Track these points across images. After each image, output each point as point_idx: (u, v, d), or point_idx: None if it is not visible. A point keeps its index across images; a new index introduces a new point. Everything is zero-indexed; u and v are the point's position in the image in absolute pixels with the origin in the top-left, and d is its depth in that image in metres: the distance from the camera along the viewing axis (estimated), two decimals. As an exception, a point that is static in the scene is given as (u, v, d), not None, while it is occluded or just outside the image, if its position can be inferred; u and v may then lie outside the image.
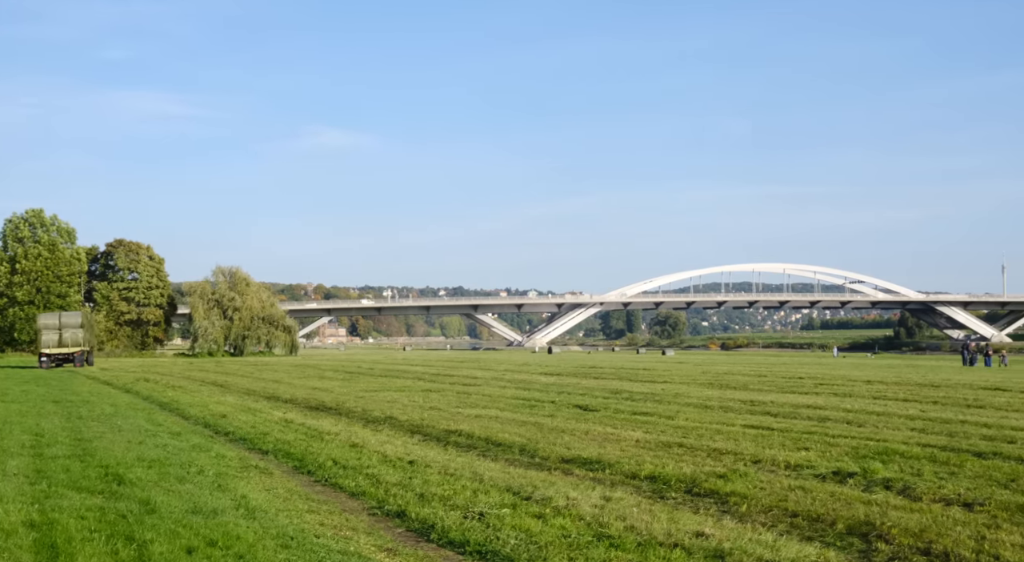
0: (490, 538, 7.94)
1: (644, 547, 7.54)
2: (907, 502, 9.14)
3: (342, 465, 12.12)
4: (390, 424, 17.40)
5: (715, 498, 9.69)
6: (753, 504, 9.22)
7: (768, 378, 31.31)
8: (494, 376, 34.79)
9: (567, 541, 7.77)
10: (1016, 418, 16.81)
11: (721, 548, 7.45)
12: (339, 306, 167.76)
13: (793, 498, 9.35)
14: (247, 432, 16.30)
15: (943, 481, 10.11)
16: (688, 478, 10.58)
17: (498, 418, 17.61)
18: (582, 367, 43.33)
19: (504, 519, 8.54)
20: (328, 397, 24.00)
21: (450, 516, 8.78)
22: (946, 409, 18.85)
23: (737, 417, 17.45)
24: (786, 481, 10.31)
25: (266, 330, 77.72)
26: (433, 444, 14.59)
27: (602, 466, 11.69)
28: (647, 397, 22.68)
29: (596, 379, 32.00)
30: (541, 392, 25.06)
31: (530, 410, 19.47)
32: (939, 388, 25.47)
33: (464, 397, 23.54)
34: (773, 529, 8.26)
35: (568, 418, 17.57)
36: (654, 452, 12.73)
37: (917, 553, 7.35)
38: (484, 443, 14.28)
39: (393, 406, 20.70)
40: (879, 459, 11.59)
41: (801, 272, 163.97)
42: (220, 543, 7.18)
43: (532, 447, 13.42)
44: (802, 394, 23.49)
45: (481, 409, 19.70)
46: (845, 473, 10.72)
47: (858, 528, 8.13)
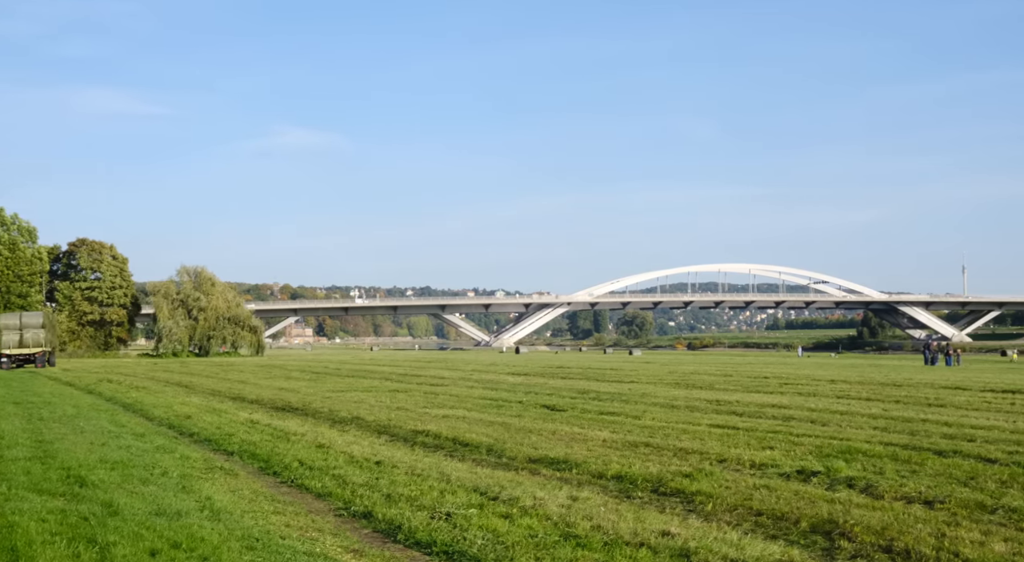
0: (457, 538, 7.94)
1: (610, 547, 7.57)
2: (869, 500, 9.25)
3: (308, 466, 12.05)
4: (357, 424, 17.33)
5: (681, 497, 9.74)
6: (718, 503, 9.28)
7: (734, 378, 31.55)
8: (461, 376, 34.76)
9: (534, 541, 7.78)
10: (976, 417, 17.07)
11: (687, 547, 7.50)
12: (306, 306, 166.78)
13: (758, 497, 9.43)
14: (212, 433, 16.16)
15: (905, 479, 10.23)
16: (654, 477, 10.64)
17: (465, 418, 17.59)
18: (549, 367, 43.41)
19: (471, 519, 8.54)
20: (294, 397, 23.85)
21: (417, 517, 8.76)
22: (908, 408, 19.11)
23: (703, 417, 17.57)
24: (751, 480, 10.39)
25: (232, 330, 77.08)
26: (400, 444, 14.55)
27: (569, 466, 11.72)
28: (614, 397, 22.77)
29: (563, 379, 32.07)
30: (508, 392, 25.07)
31: (497, 410, 19.47)
32: (901, 387, 25.81)
33: (431, 397, 23.50)
34: (738, 528, 8.32)
35: (535, 418, 17.60)
36: (621, 452, 12.78)
37: (879, 551, 7.44)
38: (451, 443, 14.27)
39: (360, 406, 20.62)
40: (842, 458, 11.72)
41: (766, 272, 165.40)
42: (184, 545, 7.12)
43: (499, 447, 13.43)
44: (767, 394, 23.70)
45: (448, 409, 19.67)
46: (809, 472, 10.82)
47: (822, 526, 8.22)
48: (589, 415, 18.07)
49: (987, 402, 20.48)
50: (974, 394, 22.93)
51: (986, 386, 25.84)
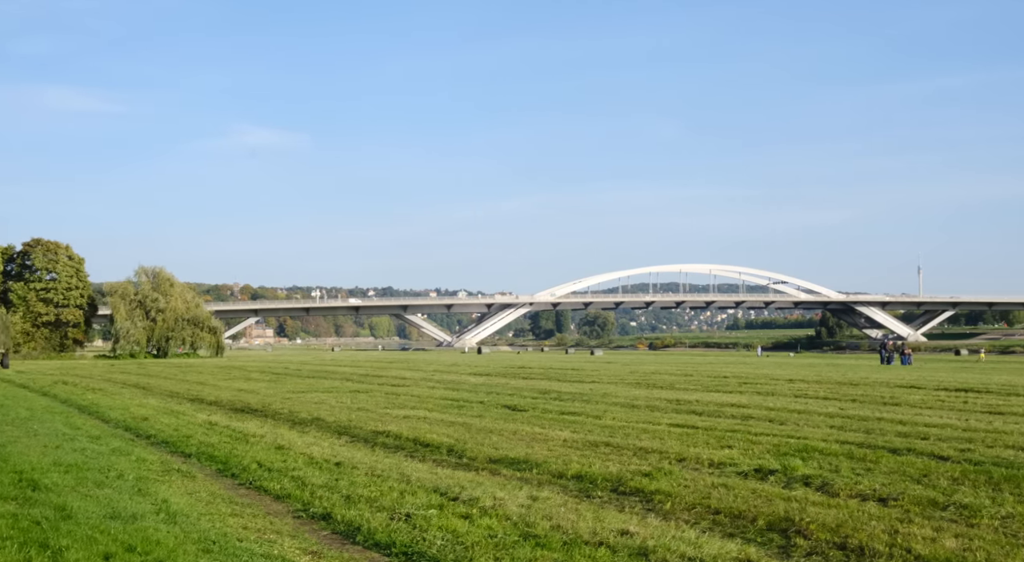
0: (416, 539, 7.92)
1: (569, 546, 7.60)
2: (825, 498, 9.36)
3: (267, 467, 11.96)
4: (317, 425, 17.23)
5: (640, 496, 9.79)
6: (677, 502, 9.34)
7: (694, 377, 31.79)
8: (423, 377, 34.68)
9: (493, 541, 7.79)
10: (929, 415, 17.35)
11: (645, 546, 7.54)
12: (266, 306, 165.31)
13: (716, 495, 9.51)
14: (169, 435, 15.98)
15: (860, 477, 10.38)
16: (614, 477, 10.69)
17: (426, 419, 17.56)
18: (511, 367, 43.44)
19: (431, 520, 8.53)
20: (254, 399, 23.66)
21: (376, 518, 8.73)
22: (864, 407, 19.37)
23: (663, 416, 17.68)
24: (709, 479, 10.48)
25: (191, 331, 76.23)
26: (361, 445, 14.49)
27: (529, 466, 11.74)
28: (575, 397, 22.84)
29: (525, 379, 32.11)
30: (470, 392, 25.06)
31: (459, 410, 19.46)
32: (858, 386, 26.15)
33: (393, 398, 23.43)
34: (696, 526, 8.39)
35: (496, 418, 17.61)
36: (581, 451, 12.82)
37: (833, 547, 7.54)
38: (412, 444, 14.23)
39: (320, 407, 20.50)
40: (799, 456, 11.85)
41: (727, 273, 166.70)
42: (139, 549, 7.03)
43: (460, 447, 13.42)
44: (726, 393, 23.91)
45: (410, 410, 19.62)
46: (766, 470, 10.93)
47: (778, 524, 8.31)
48: (550, 415, 18.12)
49: (940, 401, 20.82)
50: (928, 393, 23.30)
51: (940, 385, 26.27)
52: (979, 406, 19.38)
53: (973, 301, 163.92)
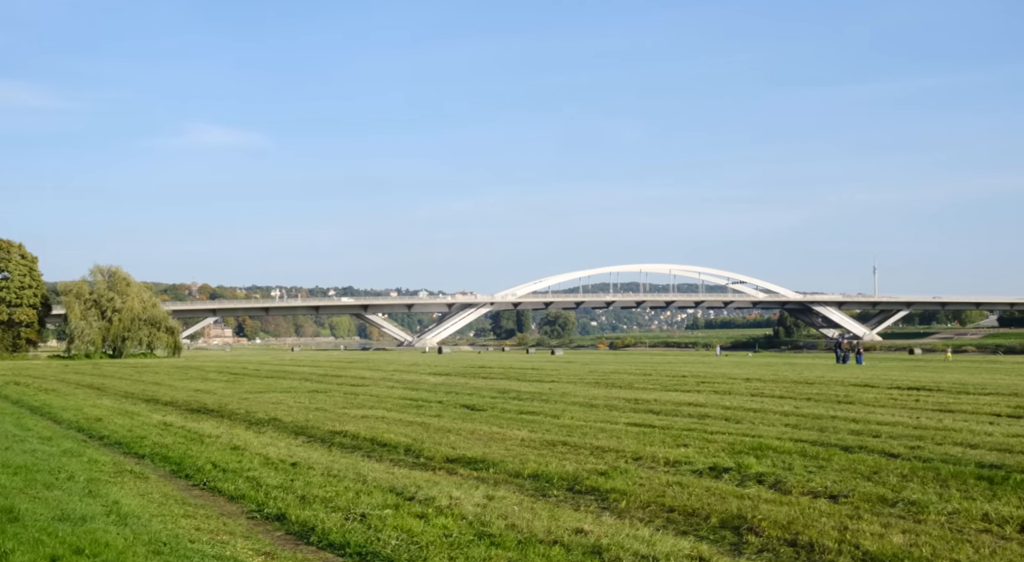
0: (371, 539, 7.90)
1: (524, 545, 7.62)
2: (778, 495, 9.47)
3: (222, 468, 11.86)
4: (274, 426, 17.10)
5: (596, 495, 9.84)
6: (632, 500, 9.40)
7: (653, 377, 31.97)
8: (383, 376, 34.54)
9: (448, 541, 7.79)
10: (882, 413, 17.61)
11: (599, 544, 7.58)
12: (225, 306, 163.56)
13: (671, 494, 9.58)
14: (123, 436, 15.78)
15: (812, 474, 10.50)
16: (570, 476, 10.73)
17: (385, 419, 17.50)
18: (471, 367, 43.40)
19: (386, 520, 8.51)
20: (210, 399, 23.42)
21: (331, 518, 8.69)
22: (818, 405, 19.60)
23: (621, 415, 17.77)
24: (665, 477, 10.55)
25: (148, 331, 75.22)
26: (317, 445, 14.41)
27: (487, 465, 11.75)
28: (534, 396, 22.88)
29: (485, 379, 32.10)
30: (429, 392, 25.01)
31: (417, 410, 19.41)
32: (813, 385, 26.47)
33: (351, 398, 23.31)
34: (650, 524, 8.45)
35: (455, 418, 17.59)
36: (538, 451, 12.85)
37: (784, 544, 7.63)
38: (369, 444, 14.18)
39: (278, 407, 20.35)
40: (753, 454, 11.97)
41: (686, 273, 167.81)
42: (87, 551, 6.94)
43: (417, 447, 13.40)
44: (684, 392, 24.08)
45: (368, 410, 19.54)
46: (721, 468, 11.03)
47: (731, 521, 8.39)
48: (508, 415, 18.14)
49: (893, 399, 21.13)
50: (881, 391, 23.63)
51: (893, 383, 26.65)
52: (930, 404, 19.69)
53: (927, 301, 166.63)
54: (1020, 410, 17.98)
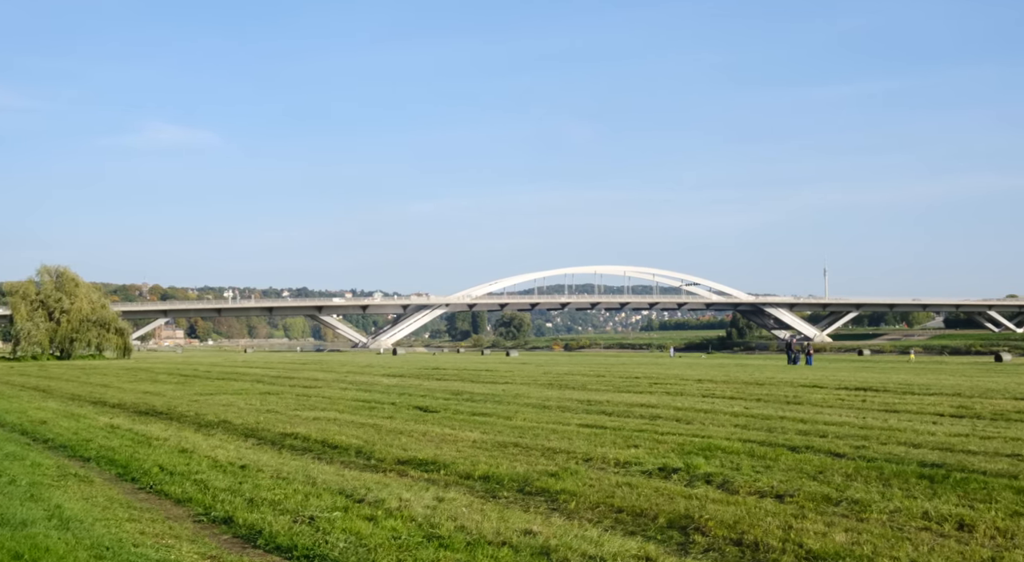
0: (319, 542, 7.86)
1: (473, 546, 7.63)
2: (725, 495, 9.58)
3: (169, 471, 11.72)
4: (224, 428, 16.93)
5: (546, 496, 9.88)
6: (582, 501, 9.45)
7: (606, 378, 32.13)
8: (336, 378, 34.34)
9: (397, 542, 7.78)
10: (829, 413, 17.88)
11: (548, 545, 7.62)
12: (176, 307, 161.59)
13: (620, 494, 9.65)
14: (68, 439, 15.53)
15: (759, 474, 10.64)
16: (521, 477, 10.76)
17: (336, 420, 17.42)
18: (425, 368, 43.31)
19: (335, 522, 8.47)
20: (159, 401, 23.12)
21: (279, 521, 8.63)
22: (768, 406, 19.86)
23: (573, 416, 17.85)
24: (615, 478, 10.62)
25: (97, 333, 73.94)
26: (268, 448, 14.30)
27: (438, 467, 11.75)
28: (487, 398, 22.89)
29: (438, 380, 32.05)
30: (382, 394, 24.92)
31: (370, 412, 19.34)
32: (763, 386, 26.79)
33: (304, 399, 23.16)
34: (599, 525, 8.50)
35: (407, 420, 17.55)
36: (490, 452, 12.87)
37: (730, 544, 7.72)
38: (320, 446, 14.10)
39: (228, 410, 20.15)
40: (702, 455, 12.09)
41: (641, 274, 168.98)
42: (27, 556, 6.83)
43: (369, 449, 13.35)
44: (637, 393, 24.24)
45: (320, 411, 19.43)
46: (670, 469, 11.13)
47: (678, 521, 8.47)
48: (461, 416, 18.14)
49: (840, 399, 21.46)
50: (829, 392, 24.00)
51: (841, 384, 27.08)
52: (876, 404, 20.04)
53: (875, 303, 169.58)
54: (963, 410, 18.37)
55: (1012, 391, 23.93)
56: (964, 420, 16.65)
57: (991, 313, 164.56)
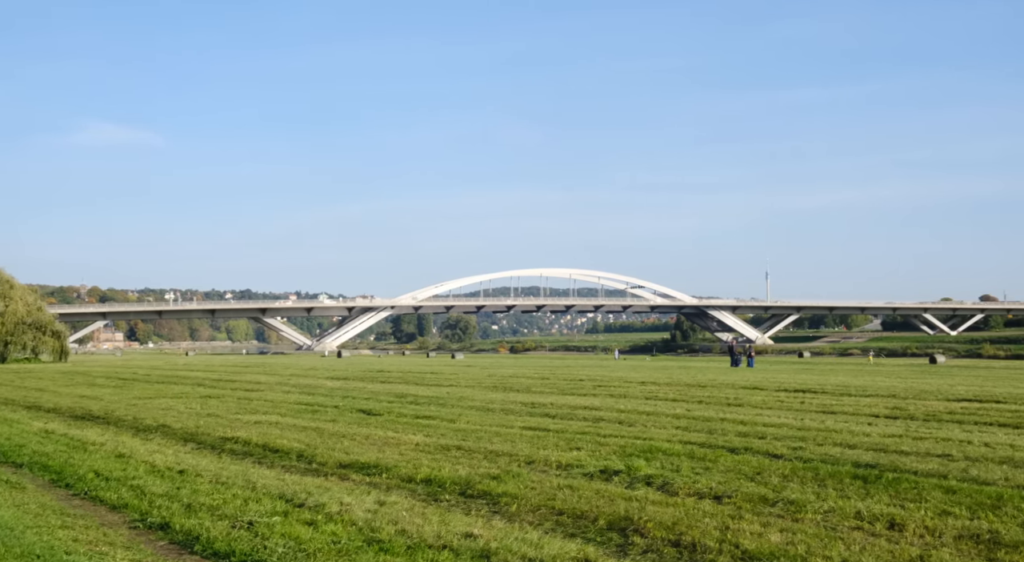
0: (257, 547, 7.79)
1: (413, 550, 7.62)
2: (664, 497, 9.69)
3: (105, 477, 11.51)
4: (162, 432, 16.67)
5: (488, 499, 9.89)
6: (523, 504, 9.49)
7: (550, 381, 32.25)
8: (279, 381, 33.99)
9: (336, 547, 7.74)
10: (768, 415, 18.16)
11: (488, 548, 7.64)
12: (116, 309, 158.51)
13: (561, 497, 9.70)
14: (0, 444, 15.16)
15: (698, 476, 10.77)
16: (463, 480, 10.76)
17: (278, 424, 17.25)
18: (370, 371, 43.07)
19: (274, 527, 8.40)
20: (96, 405, 22.68)
21: (217, 526, 8.53)
22: (709, 408, 20.10)
23: (517, 419, 17.88)
24: (556, 480, 10.68)
25: (32, 335, 72.17)
26: (207, 452, 14.12)
27: (380, 470, 11.70)
28: (431, 401, 22.84)
29: (383, 383, 31.89)
30: (326, 397, 24.73)
31: (312, 415, 19.18)
32: (705, 388, 27.10)
33: (245, 403, 22.89)
34: (539, 527, 8.54)
35: (350, 423, 17.44)
36: (432, 455, 12.85)
37: (668, 545, 7.82)
38: (261, 450, 13.96)
39: (168, 414, 19.84)
40: (643, 457, 12.21)
41: (586, 277, 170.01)
42: (-45, 565, 6.67)
43: (310, 453, 13.25)
44: (580, 396, 24.36)
45: (262, 415, 19.22)
46: (611, 471, 11.21)
47: (618, 523, 8.55)
48: (405, 419, 18.08)
49: (780, 401, 21.81)
50: (769, 394, 24.36)
51: (780, 386, 27.50)
52: (814, 406, 20.41)
53: (815, 306, 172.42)
54: (897, 411, 18.79)
55: (944, 393, 24.53)
56: (898, 421, 17.02)
57: (926, 316, 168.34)
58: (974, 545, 7.58)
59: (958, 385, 28.97)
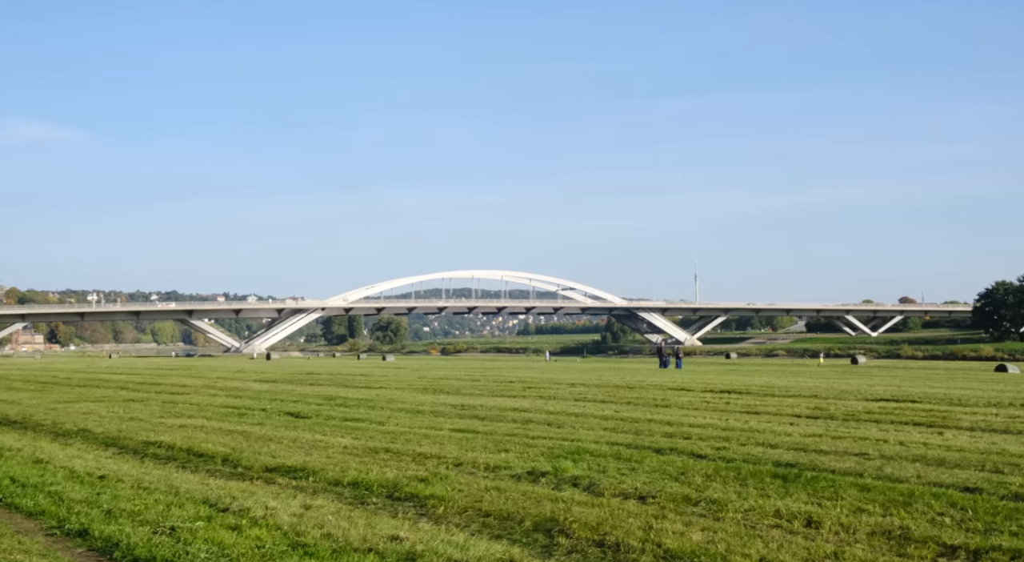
0: (179, 553, 7.68)
1: (338, 554, 7.60)
2: (590, 498, 9.80)
3: (21, 483, 11.21)
4: (83, 437, 16.30)
5: (415, 502, 9.89)
6: (450, 506, 9.51)
7: (481, 382, 32.29)
8: (205, 384, 33.44)
9: (261, 552, 7.67)
10: (694, 416, 18.46)
11: (414, 550, 7.65)
12: (35, 311, 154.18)
13: (488, 498, 9.75)
14: (-90, 451, 14.64)
15: (624, 476, 10.91)
16: (391, 483, 10.74)
17: (204, 428, 16.99)
18: (299, 373, 42.62)
19: (197, 533, 8.29)
20: (13, 410, 22.05)
21: (138, 532, 8.39)
22: (637, 409, 20.34)
23: (446, 421, 17.88)
24: (484, 482, 10.72)
25: (-55, 336, 70.04)
26: (129, 457, 13.85)
27: (306, 474, 11.61)
28: (360, 403, 22.72)
29: (312, 386, 31.60)
30: (253, 399, 24.42)
31: (239, 418, 18.93)
32: (634, 389, 27.40)
33: (170, 406, 22.48)
34: (466, 529, 8.58)
35: (278, 426, 17.26)
36: (360, 458, 12.80)
37: (593, 545, 7.91)
38: (185, 454, 13.74)
39: (88, 418, 19.38)
40: (571, 458, 12.32)
41: (518, 279, 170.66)
42: None
43: (236, 457, 13.09)
44: (510, 397, 24.44)
45: (187, 419, 18.91)
46: (539, 472, 11.29)
47: (544, 524, 8.62)
48: (333, 422, 17.95)
49: (706, 402, 22.17)
50: (696, 395, 24.74)
51: (707, 387, 27.93)
52: (739, 406, 20.79)
53: (743, 307, 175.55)
54: (818, 411, 19.25)
55: (864, 393, 25.19)
56: (819, 421, 17.44)
57: (849, 318, 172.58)
58: (886, 541, 7.84)
59: (877, 385, 29.77)
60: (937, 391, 25.99)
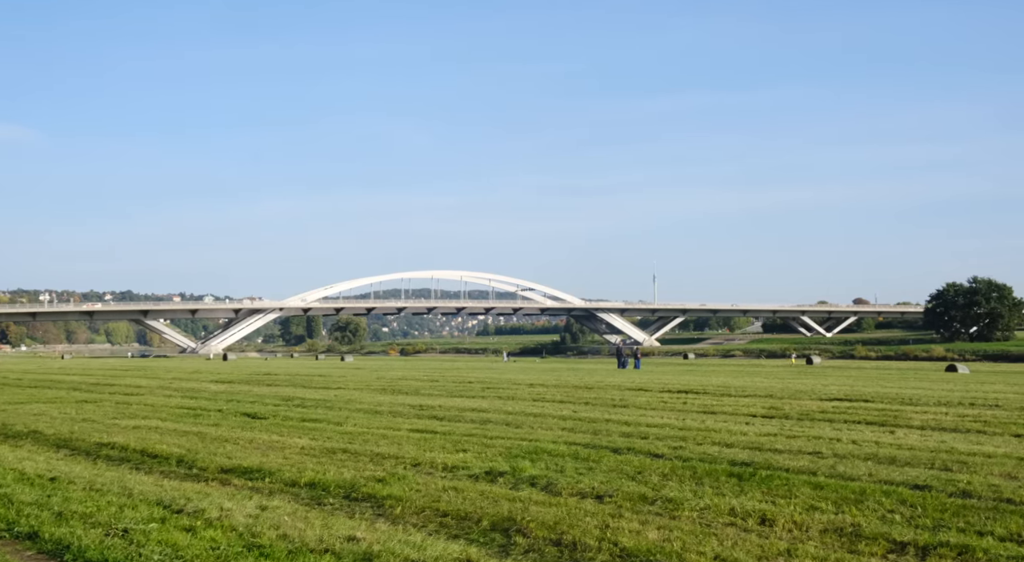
0: (132, 555, 7.59)
1: (294, 555, 7.55)
2: (548, 497, 9.83)
3: (-31, 486, 11.00)
4: (33, 439, 16.03)
5: (372, 502, 9.86)
6: (407, 506, 9.49)
7: (440, 383, 32.25)
8: (160, 385, 33.03)
9: (215, 553, 7.61)
10: (652, 416, 18.58)
11: (370, 551, 7.63)
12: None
13: (446, 498, 9.75)
14: None
15: (582, 476, 10.96)
16: (348, 483, 10.70)
17: (158, 429, 16.79)
18: (256, 374, 42.25)
19: (150, 534, 8.19)
20: (-38, 411, 21.61)
21: (90, 534, 8.27)
22: (595, 409, 20.43)
23: (404, 421, 17.84)
24: (441, 482, 10.71)
25: None
26: (81, 459, 13.64)
27: (263, 475, 11.52)
28: (318, 403, 22.59)
29: (269, 386, 31.35)
30: (209, 400, 24.17)
31: (194, 419, 18.73)
32: (592, 390, 27.52)
33: (124, 407, 22.18)
34: (423, 529, 8.57)
35: (234, 427, 17.11)
36: (317, 459, 12.73)
37: (550, 544, 7.95)
38: (139, 455, 13.57)
39: (40, 419, 19.07)
40: (529, 458, 12.35)
41: (477, 279, 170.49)
42: None
43: (191, 458, 12.95)
44: (469, 398, 24.44)
45: (141, 420, 18.67)
46: (497, 472, 11.31)
47: (501, 524, 8.64)
48: (290, 422, 17.83)
49: (663, 402, 22.33)
50: (654, 395, 24.91)
51: (665, 387, 28.13)
52: (696, 406, 20.98)
53: (700, 308, 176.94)
54: (773, 411, 19.48)
55: (818, 392, 25.54)
56: (774, 420, 17.66)
57: (804, 319, 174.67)
58: (838, 538, 7.96)
59: (831, 385, 30.19)
60: (889, 391, 26.42)
